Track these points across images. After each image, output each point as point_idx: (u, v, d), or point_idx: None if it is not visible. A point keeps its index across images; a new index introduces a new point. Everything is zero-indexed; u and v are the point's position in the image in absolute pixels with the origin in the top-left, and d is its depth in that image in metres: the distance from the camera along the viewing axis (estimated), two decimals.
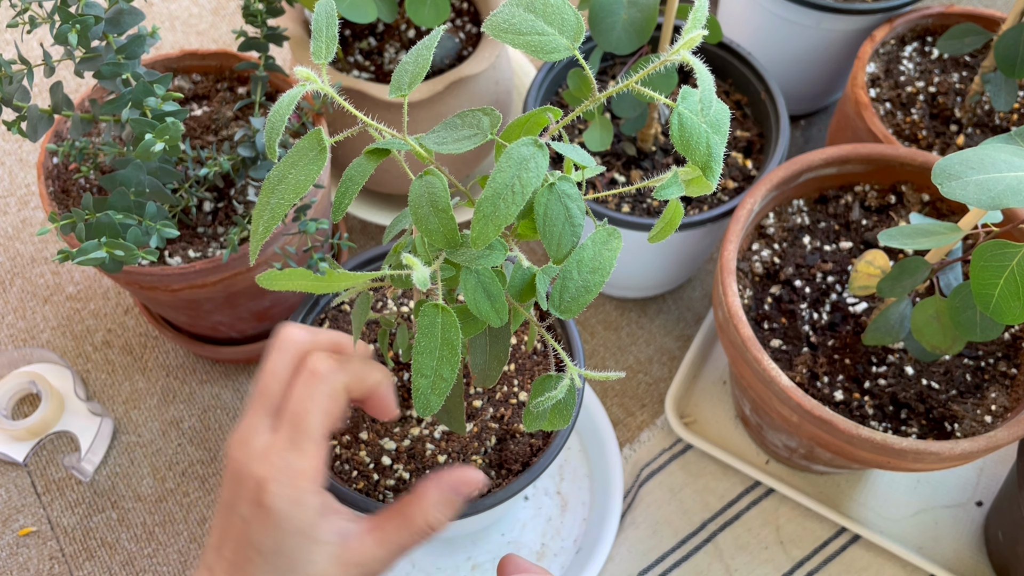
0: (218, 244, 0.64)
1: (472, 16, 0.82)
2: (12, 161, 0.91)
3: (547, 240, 0.35)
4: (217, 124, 0.69)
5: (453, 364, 0.35)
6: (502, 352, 0.42)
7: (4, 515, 0.72)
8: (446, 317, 0.35)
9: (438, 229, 0.35)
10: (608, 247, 0.36)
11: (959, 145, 0.74)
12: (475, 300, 0.36)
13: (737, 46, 0.77)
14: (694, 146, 0.34)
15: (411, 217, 0.36)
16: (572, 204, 0.35)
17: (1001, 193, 0.41)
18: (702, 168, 0.34)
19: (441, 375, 0.36)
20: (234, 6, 1.03)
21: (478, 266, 0.35)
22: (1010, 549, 0.65)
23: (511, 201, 0.33)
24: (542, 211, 0.35)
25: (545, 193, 0.35)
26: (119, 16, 0.54)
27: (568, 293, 0.36)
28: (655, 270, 0.77)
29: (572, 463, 0.73)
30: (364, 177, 0.37)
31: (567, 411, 0.41)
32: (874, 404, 0.61)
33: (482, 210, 0.33)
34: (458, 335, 0.35)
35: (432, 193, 0.35)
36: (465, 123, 0.38)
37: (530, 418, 0.41)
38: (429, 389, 0.36)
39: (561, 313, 0.36)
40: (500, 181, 0.33)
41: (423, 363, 0.35)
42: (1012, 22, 0.66)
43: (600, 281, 0.36)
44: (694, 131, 0.34)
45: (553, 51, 0.35)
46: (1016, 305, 0.45)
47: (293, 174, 0.35)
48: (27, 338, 0.81)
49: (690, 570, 0.69)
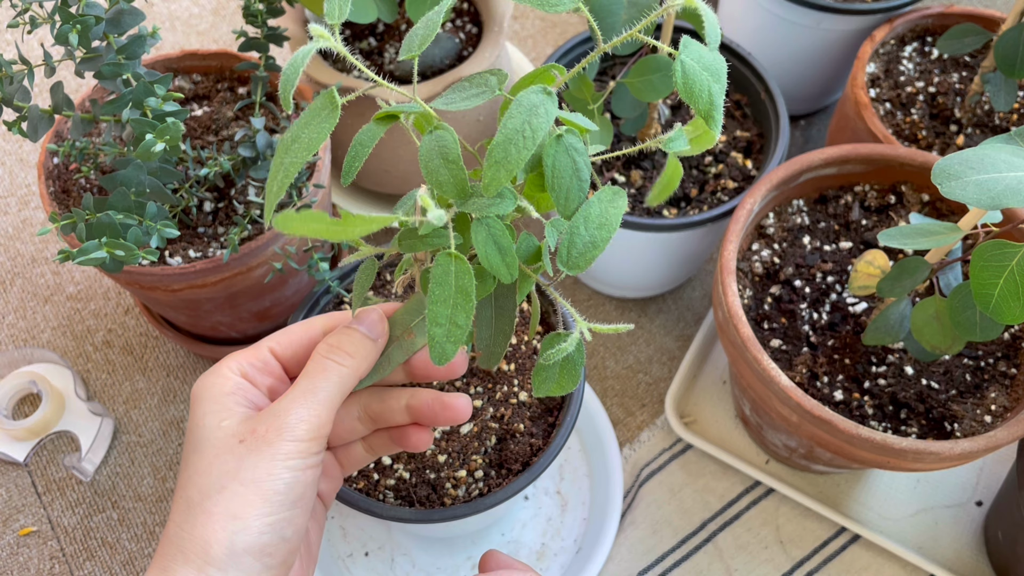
0: (218, 244, 0.64)
1: (472, 16, 0.82)
2: (12, 161, 0.91)
3: (555, 193, 0.36)
4: (217, 124, 0.69)
5: (468, 311, 0.36)
6: (507, 325, 0.42)
7: (4, 515, 0.72)
8: (459, 265, 0.35)
9: (449, 180, 0.36)
10: (614, 204, 0.37)
11: (959, 145, 0.74)
12: (486, 253, 0.36)
13: (737, 46, 0.77)
14: (697, 94, 0.35)
15: (422, 171, 0.36)
16: (579, 158, 0.36)
17: (1001, 193, 0.41)
18: (704, 116, 0.35)
19: (456, 322, 0.36)
20: (234, 6, 1.03)
21: (489, 213, 0.36)
22: (1010, 549, 0.65)
23: (522, 146, 0.33)
24: (551, 162, 0.35)
25: (553, 145, 0.35)
26: (119, 16, 0.54)
27: (576, 248, 0.36)
28: (655, 270, 0.77)
29: (572, 463, 0.73)
30: (373, 141, 0.37)
31: (575, 371, 0.41)
32: (874, 404, 0.61)
33: (494, 156, 0.34)
34: (472, 282, 0.35)
35: (442, 146, 0.36)
36: (473, 84, 0.39)
37: (540, 379, 0.41)
38: (445, 337, 0.36)
39: (570, 269, 0.36)
40: (511, 127, 0.34)
41: (438, 312, 0.36)
42: (1012, 22, 0.66)
43: (607, 237, 0.36)
44: (697, 79, 0.34)
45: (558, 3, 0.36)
46: (1016, 305, 0.45)
47: (306, 133, 0.36)
48: (28, 338, 0.81)
49: (690, 570, 0.69)
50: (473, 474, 0.55)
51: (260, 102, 0.67)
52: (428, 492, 0.54)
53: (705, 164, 0.74)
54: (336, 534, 0.69)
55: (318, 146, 0.35)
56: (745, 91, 0.77)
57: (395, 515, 0.52)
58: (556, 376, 0.41)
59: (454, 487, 0.55)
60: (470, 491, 0.55)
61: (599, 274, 0.81)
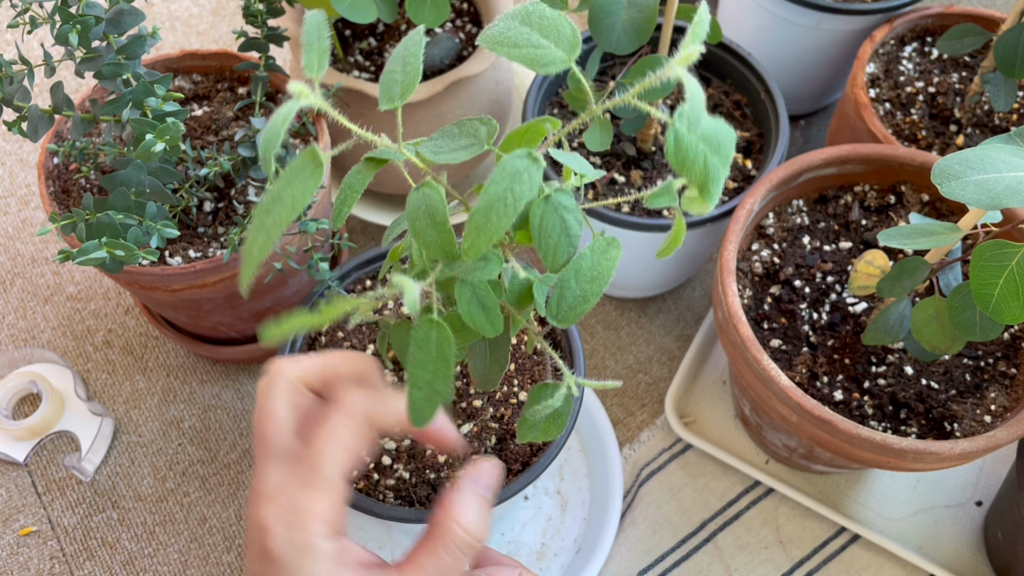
0: (218, 244, 0.64)
1: (472, 16, 0.82)
2: (12, 161, 0.91)
3: (543, 252, 0.35)
4: (217, 124, 0.69)
5: (447, 378, 0.35)
6: (502, 357, 0.42)
7: (5, 515, 0.72)
8: (440, 332, 0.35)
9: (435, 242, 0.35)
10: (607, 256, 0.36)
11: (959, 145, 0.74)
12: (470, 312, 0.36)
13: (737, 46, 0.77)
14: (689, 165, 0.33)
15: (409, 229, 0.36)
16: (568, 215, 0.35)
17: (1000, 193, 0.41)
18: (699, 189, 0.33)
19: (435, 388, 0.35)
20: (234, 6, 1.03)
21: (474, 279, 0.36)
22: (1010, 549, 0.65)
23: (503, 214, 0.33)
24: (537, 223, 0.35)
25: (541, 205, 0.35)
26: (120, 16, 0.54)
27: (566, 303, 0.36)
28: (655, 270, 0.77)
29: (572, 463, 0.73)
30: (363, 185, 0.37)
31: (562, 420, 0.41)
32: (874, 404, 0.61)
33: (474, 221, 0.33)
34: (452, 349, 0.35)
35: (430, 206, 0.35)
36: (463, 132, 0.37)
37: (525, 428, 0.41)
38: (424, 402, 0.36)
39: (559, 322, 0.36)
40: (493, 193, 0.33)
41: (418, 375, 0.35)
42: (1012, 22, 0.66)
43: (598, 291, 0.36)
44: (690, 150, 0.33)
45: (549, 64, 0.35)
46: (1015, 305, 0.45)
47: (289, 192, 0.34)
48: (28, 338, 0.81)
49: (690, 570, 0.69)
50: None
51: (260, 102, 0.68)
52: (428, 492, 0.54)
53: None
54: None
55: (302, 207, 0.33)
56: (745, 91, 0.77)
57: (395, 515, 0.52)
58: (541, 428, 0.41)
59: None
60: None
61: None
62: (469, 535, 0.37)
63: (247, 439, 0.76)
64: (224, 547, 0.71)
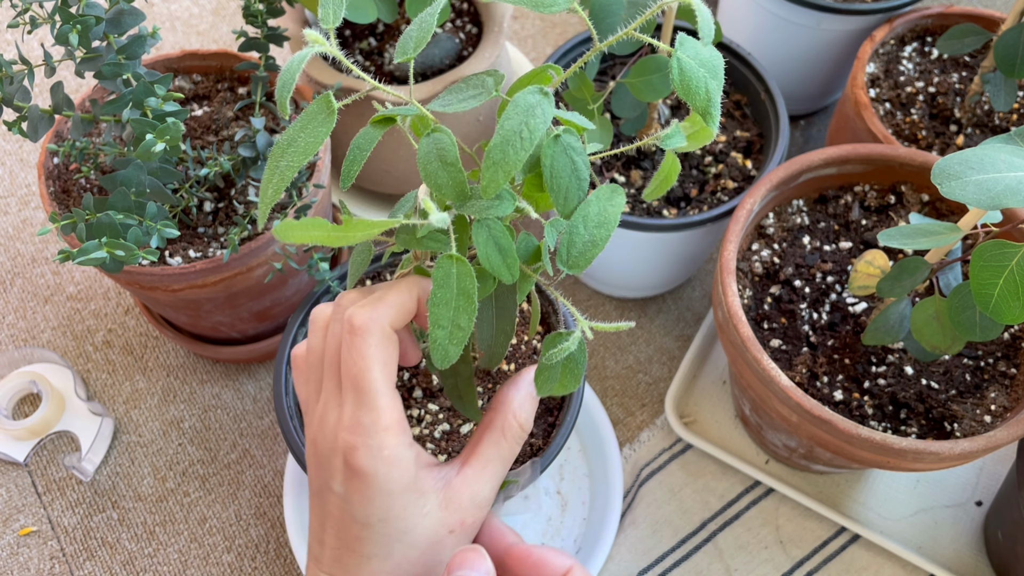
0: (219, 244, 0.64)
1: (472, 16, 0.83)
2: (13, 161, 0.91)
3: (555, 194, 0.36)
4: (218, 124, 0.69)
5: (470, 313, 0.36)
6: (508, 325, 0.42)
7: (5, 515, 0.72)
8: (461, 267, 0.35)
9: (447, 183, 0.36)
10: (612, 203, 0.37)
11: (959, 145, 0.74)
12: (487, 254, 0.36)
13: (737, 46, 0.77)
14: (694, 91, 0.34)
15: (421, 174, 0.36)
16: (578, 158, 0.36)
17: (1001, 193, 0.41)
18: (702, 113, 0.35)
19: (459, 324, 0.36)
20: (234, 6, 1.03)
21: (488, 215, 0.36)
22: (1010, 549, 0.65)
23: (520, 147, 0.33)
24: (549, 163, 0.35)
25: (551, 145, 0.35)
26: (120, 16, 0.54)
27: (576, 248, 0.36)
28: (655, 270, 0.77)
29: (572, 463, 0.73)
30: (371, 144, 0.37)
31: (578, 370, 0.41)
32: (874, 404, 0.61)
33: (491, 156, 0.34)
34: (474, 284, 0.35)
35: (440, 148, 0.36)
36: (470, 85, 0.39)
37: (542, 379, 0.41)
38: (447, 340, 0.36)
39: (570, 268, 0.36)
40: (508, 128, 0.34)
41: (440, 314, 0.36)
42: (1012, 22, 0.66)
43: (606, 235, 0.36)
44: (694, 76, 0.34)
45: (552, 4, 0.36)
46: (1015, 305, 0.45)
47: (302, 137, 0.35)
48: (28, 338, 0.81)
49: (690, 570, 0.69)
50: None
51: (260, 102, 0.68)
52: None
53: (705, 164, 0.74)
54: None
55: (315, 150, 0.35)
56: (745, 91, 0.77)
57: None
58: (558, 376, 0.41)
59: None
60: None
61: (599, 274, 0.81)
62: (523, 429, 0.42)
63: (247, 439, 0.76)
64: (224, 547, 0.71)
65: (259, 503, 0.73)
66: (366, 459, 0.37)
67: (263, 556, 0.71)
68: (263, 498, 0.73)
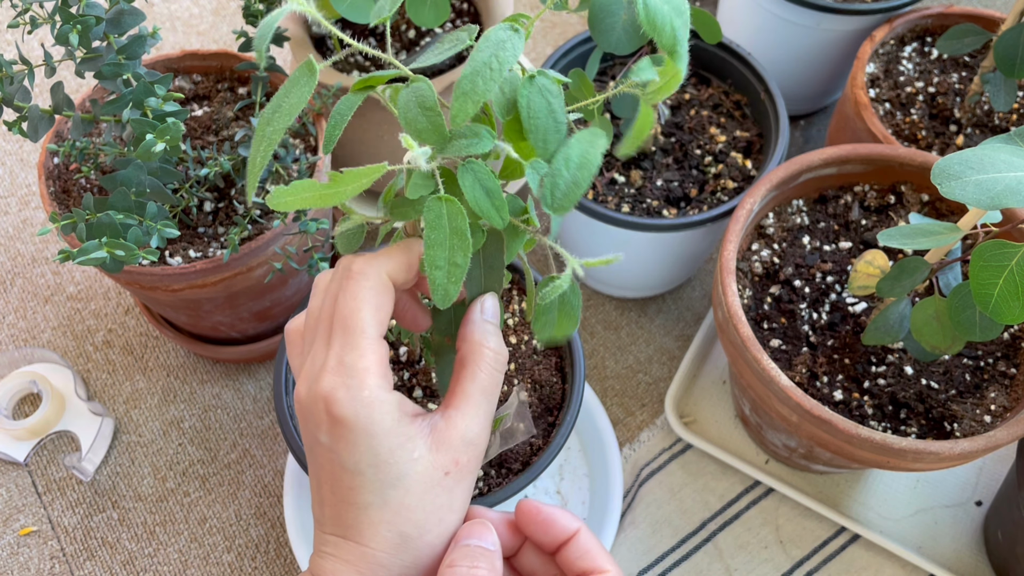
0: (218, 244, 0.64)
1: (472, 16, 0.83)
2: (13, 161, 0.91)
3: (533, 135, 0.36)
4: (218, 124, 0.69)
5: (465, 250, 0.36)
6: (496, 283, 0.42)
7: (5, 515, 0.72)
8: (450, 206, 0.36)
9: (427, 126, 0.36)
10: (593, 145, 0.37)
11: (958, 145, 0.74)
12: (475, 197, 0.36)
13: (737, 46, 0.77)
14: (660, 28, 0.35)
15: (401, 122, 0.36)
16: (553, 100, 0.36)
17: (1000, 193, 0.41)
18: (669, 51, 0.35)
19: (455, 262, 0.36)
20: (235, 7, 1.03)
21: (468, 153, 0.36)
22: (1009, 549, 0.65)
23: (489, 77, 0.34)
24: (525, 103, 0.36)
25: (527, 86, 0.36)
26: (120, 16, 0.54)
27: (559, 190, 0.36)
28: (655, 270, 0.78)
29: (572, 463, 0.73)
30: (351, 110, 0.38)
31: (573, 312, 0.41)
32: (874, 404, 0.61)
33: (461, 87, 0.35)
34: (465, 221, 0.36)
35: (419, 95, 0.36)
36: (447, 40, 0.40)
37: (540, 324, 0.41)
38: (446, 279, 0.36)
39: (555, 210, 0.36)
40: (479, 59, 0.35)
41: (436, 255, 0.36)
42: (1012, 22, 0.66)
43: (588, 176, 0.36)
44: (659, 13, 0.35)
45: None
46: (1015, 305, 0.45)
47: (287, 102, 0.36)
48: (28, 338, 0.81)
49: (690, 570, 0.69)
50: None
51: (260, 102, 0.68)
52: None
53: (705, 164, 0.74)
54: None
55: (297, 111, 0.36)
56: (745, 91, 0.77)
57: None
58: (555, 319, 0.41)
59: None
60: None
61: (599, 274, 0.81)
62: (498, 353, 0.41)
63: (247, 439, 0.76)
64: (224, 547, 0.71)
65: (259, 503, 0.73)
66: (346, 402, 0.36)
67: (263, 556, 0.71)
68: (263, 498, 0.73)
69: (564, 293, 0.40)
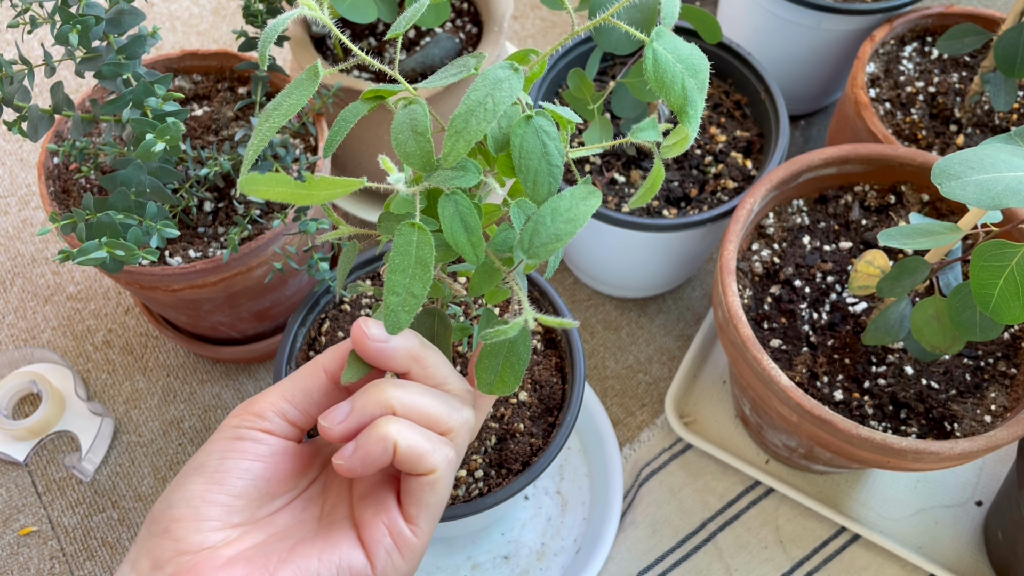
0: (218, 244, 0.64)
1: (472, 16, 0.82)
2: (13, 161, 0.91)
3: (523, 175, 0.35)
4: (218, 124, 0.69)
5: (425, 281, 0.35)
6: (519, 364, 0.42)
7: (5, 515, 0.72)
8: (421, 235, 0.35)
9: (415, 152, 0.36)
10: (586, 202, 0.36)
11: (959, 145, 0.74)
12: (451, 229, 0.36)
13: (737, 46, 0.77)
14: (668, 85, 0.34)
15: (393, 144, 0.36)
16: (550, 142, 0.35)
17: (1001, 193, 0.41)
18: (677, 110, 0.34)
19: (412, 292, 0.35)
20: (235, 6, 1.03)
21: (453, 185, 0.36)
22: (1010, 549, 0.65)
23: (482, 118, 0.34)
24: (518, 143, 0.35)
25: (522, 125, 0.35)
26: (120, 16, 0.54)
27: (539, 238, 0.35)
28: (655, 270, 0.77)
29: (572, 463, 0.73)
30: (357, 117, 0.38)
31: (519, 365, 0.40)
32: (874, 404, 0.61)
33: (454, 126, 0.34)
34: (431, 254, 0.35)
35: (413, 119, 0.36)
36: (455, 65, 0.39)
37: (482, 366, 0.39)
38: (400, 306, 0.36)
39: (529, 256, 0.36)
40: (474, 99, 0.34)
41: (395, 281, 0.35)
42: (1012, 22, 0.66)
43: (572, 231, 0.35)
44: (668, 69, 0.34)
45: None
46: (1016, 305, 0.45)
47: (288, 101, 0.36)
48: (28, 338, 0.81)
49: (690, 570, 0.69)
50: (473, 474, 0.55)
51: (260, 102, 0.68)
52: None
53: (705, 164, 0.74)
54: None
55: (296, 111, 0.36)
56: (745, 91, 0.77)
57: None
58: (499, 368, 0.40)
59: (454, 487, 0.55)
60: (470, 491, 0.55)
61: (599, 274, 0.81)
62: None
63: None
64: None
65: None
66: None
67: None
68: None
69: (512, 340, 0.39)
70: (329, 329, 0.61)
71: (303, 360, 0.60)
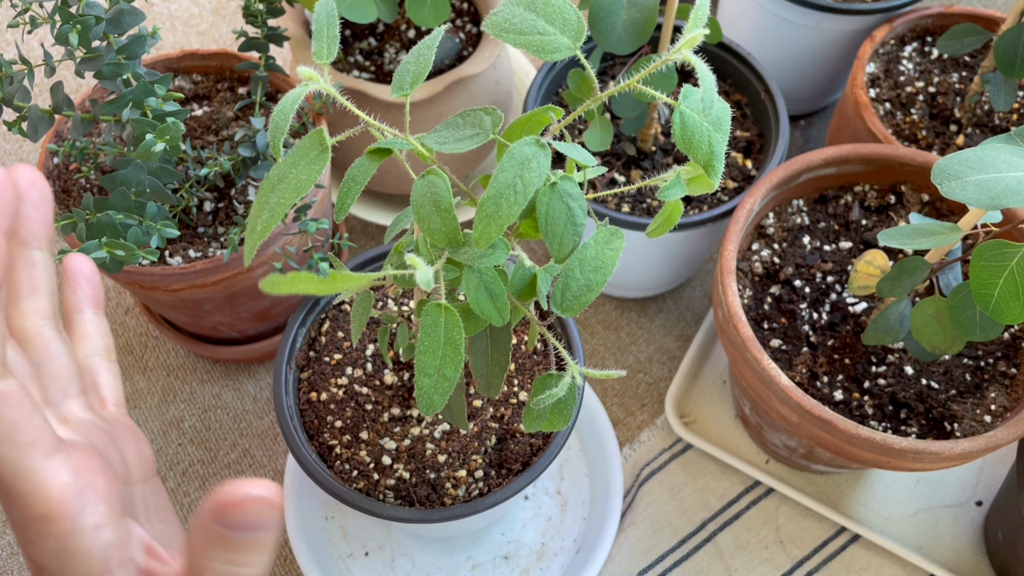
0: (218, 244, 0.64)
1: (472, 16, 0.82)
2: (12, 161, 0.91)
3: (549, 240, 0.35)
4: (218, 124, 0.69)
5: (456, 363, 0.36)
6: (503, 357, 0.42)
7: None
8: (449, 316, 0.35)
9: (440, 229, 0.35)
10: (610, 247, 0.36)
11: (959, 145, 0.74)
12: (477, 299, 0.36)
13: (737, 46, 0.77)
14: (696, 145, 0.34)
15: (414, 216, 0.36)
16: (574, 204, 0.35)
17: (1001, 193, 0.41)
18: (704, 167, 0.34)
19: (444, 374, 0.36)
20: (235, 6, 1.03)
21: (481, 265, 0.36)
22: (1010, 549, 0.65)
23: (513, 201, 0.33)
24: (544, 210, 0.35)
25: (547, 192, 0.35)
26: (120, 16, 0.54)
27: (570, 292, 0.36)
28: (655, 270, 0.77)
29: (572, 463, 0.73)
30: (366, 177, 0.37)
31: (567, 410, 0.41)
32: (874, 404, 0.61)
33: (484, 210, 0.33)
34: (461, 334, 0.35)
35: (435, 193, 0.35)
36: (467, 122, 0.38)
37: (530, 418, 0.41)
38: (433, 388, 0.36)
39: (563, 312, 0.36)
40: (502, 181, 0.33)
41: (426, 362, 0.35)
42: (1012, 22, 0.66)
43: (602, 280, 0.36)
44: (696, 130, 0.34)
45: (554, 51, 0.35)
46: (1015, 305, 0.45)
47: (294, 173, 0.34)
48: None
49: (690, 570, 0.69)
50: (473, 474, 0.55)
51: (260, 102, 0.68)
52: (428, 492, 0.54)
53: None
54: (336, 534, 0.69)
55: (307, 188, 0.34)
56: (745, 91, 0.77)
57: (395, 515, 0.52)
58: (547, 417, 0.41)
59: (454, 487, 0.55)
60: (470, 491, 0.55)
61: None
62: None
63: (247, 439, 0.76)
64: None
65: None
66: None
67: None
68: None
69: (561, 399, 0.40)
70: (329, 329, 0.61)
71: (303, 360, 0.60)
